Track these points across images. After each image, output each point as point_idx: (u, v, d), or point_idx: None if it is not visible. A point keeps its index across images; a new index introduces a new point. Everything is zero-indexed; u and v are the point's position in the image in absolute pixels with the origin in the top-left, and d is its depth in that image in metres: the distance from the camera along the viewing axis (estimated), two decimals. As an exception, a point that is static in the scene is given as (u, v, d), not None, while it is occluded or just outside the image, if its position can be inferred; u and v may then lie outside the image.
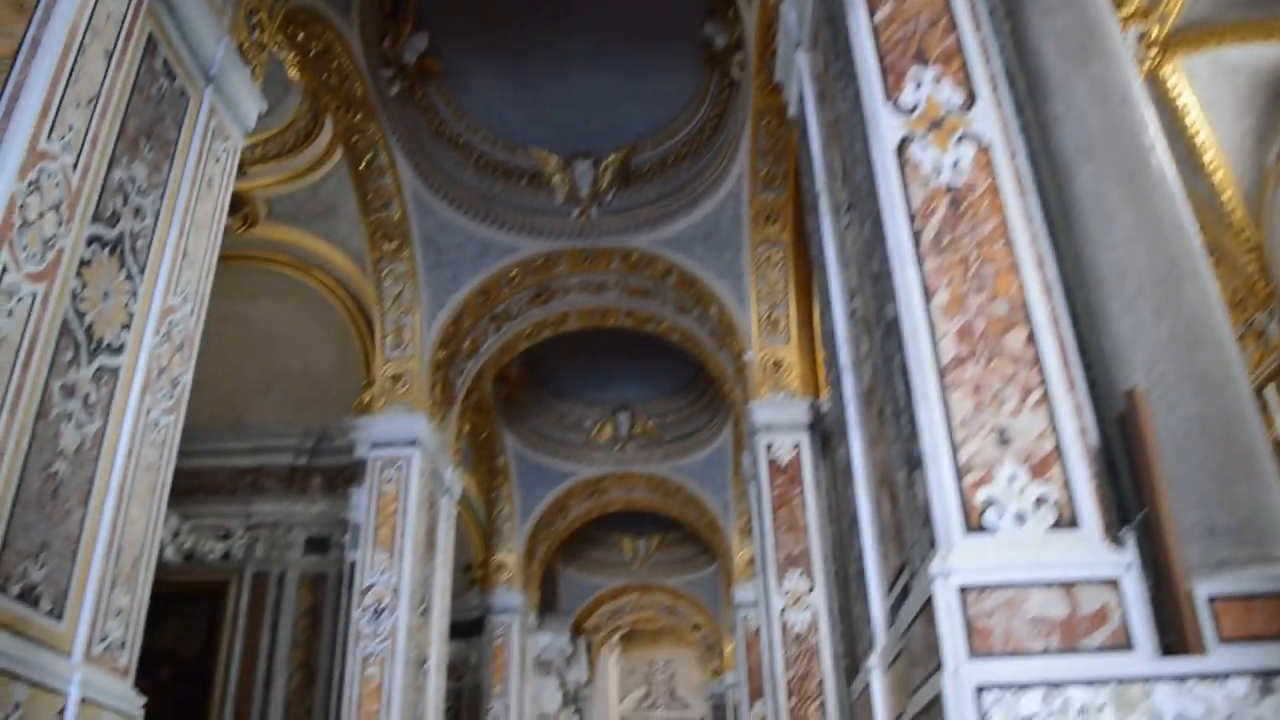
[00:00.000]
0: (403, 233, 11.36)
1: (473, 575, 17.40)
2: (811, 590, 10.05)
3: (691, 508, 18.18)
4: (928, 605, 3.30)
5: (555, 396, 17.24)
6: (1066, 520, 3.32)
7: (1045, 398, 3.51)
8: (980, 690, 3.03)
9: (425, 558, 10.92)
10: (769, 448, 10.64)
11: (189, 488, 12.35)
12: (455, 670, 16.99)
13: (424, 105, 10.99)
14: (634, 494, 18.36)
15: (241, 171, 11.64)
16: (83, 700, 4.78)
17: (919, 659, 3.47)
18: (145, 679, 11.67)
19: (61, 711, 4.67)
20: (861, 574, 4.75)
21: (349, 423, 11.47)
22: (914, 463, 3.59)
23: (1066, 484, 3.37)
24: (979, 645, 3.12)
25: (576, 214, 11.75)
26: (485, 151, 11.57)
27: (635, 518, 20.94)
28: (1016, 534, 3.30)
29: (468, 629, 17.04)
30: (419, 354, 11.53)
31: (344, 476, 12.01)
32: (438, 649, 11.19)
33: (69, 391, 4.93)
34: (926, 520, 3.45)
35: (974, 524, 3.32)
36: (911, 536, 3.72)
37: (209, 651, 11.70)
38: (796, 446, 10.63)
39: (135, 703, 5.28)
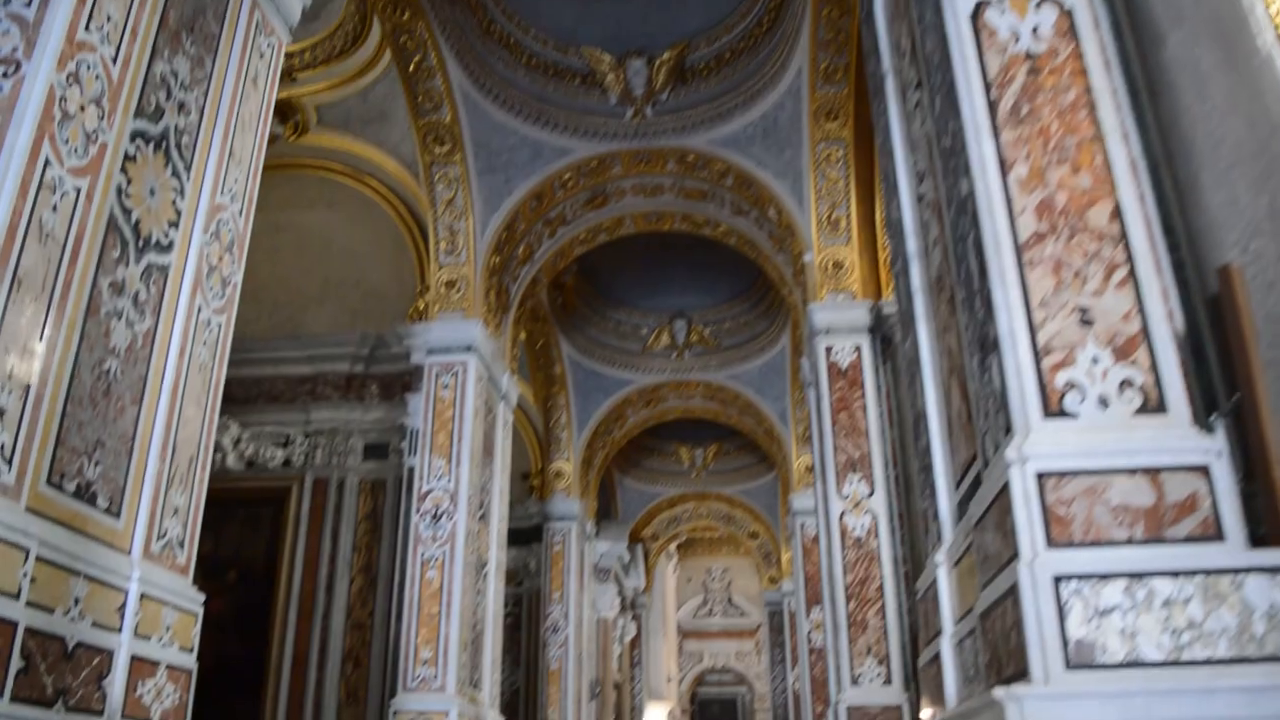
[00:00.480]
0: (454, 136, 11.18)
1: (531, 483, 17.50)
2: (871, 495, 9.92)
3: (749, 415, 18.07)
4: (1002, 494, 3.13)
5: (611, 304, 17.10)
6: (1153, 405, 3.12)
7: (1131, 276, 3.28)
8: (1058, 581, 2.87)
9: (483, 463, 10.94)
10: (829, 351, 10.44)
11: (248, 396, 12.46)
12: (515, 576, 17.19)
13: (472, 3, 10.71)
14: (691, 402, 18.28)
15: (290, 78, 11.53)
16: (142, 596, 4.80)
17: (991, 552, 3.31)
18: (212, 582, 11.91)
19: (121, 607, 4.69)
20: (928, 469, 4.58)
21: (404, 329, 11.44)
22: (989, 346, 3.39)
23: (1153, 366, 3.15)
24: (1058, 534, 2.95)
25: (630, 114, 11.47)
26: (536, 51, 11.28)
27: (692, 426, 20.90)
28: (1099, 418, 3.10)
29: (526, 536, 17.19)
30: (472, 260, 11.41)
31: (401, 383, 12.01)
32: (496, 553, 11.27)
33: (118, 289, 4.86)
34: (1002, 406, 3.26)
35: (1053, 408, 3.13)
36: (983, 425, 3.54)
37: (272, 556, 11.88)
38: (857, 349, 10.41)
39: (195, 599, 5.29)
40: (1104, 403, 3.12)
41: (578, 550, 17.14)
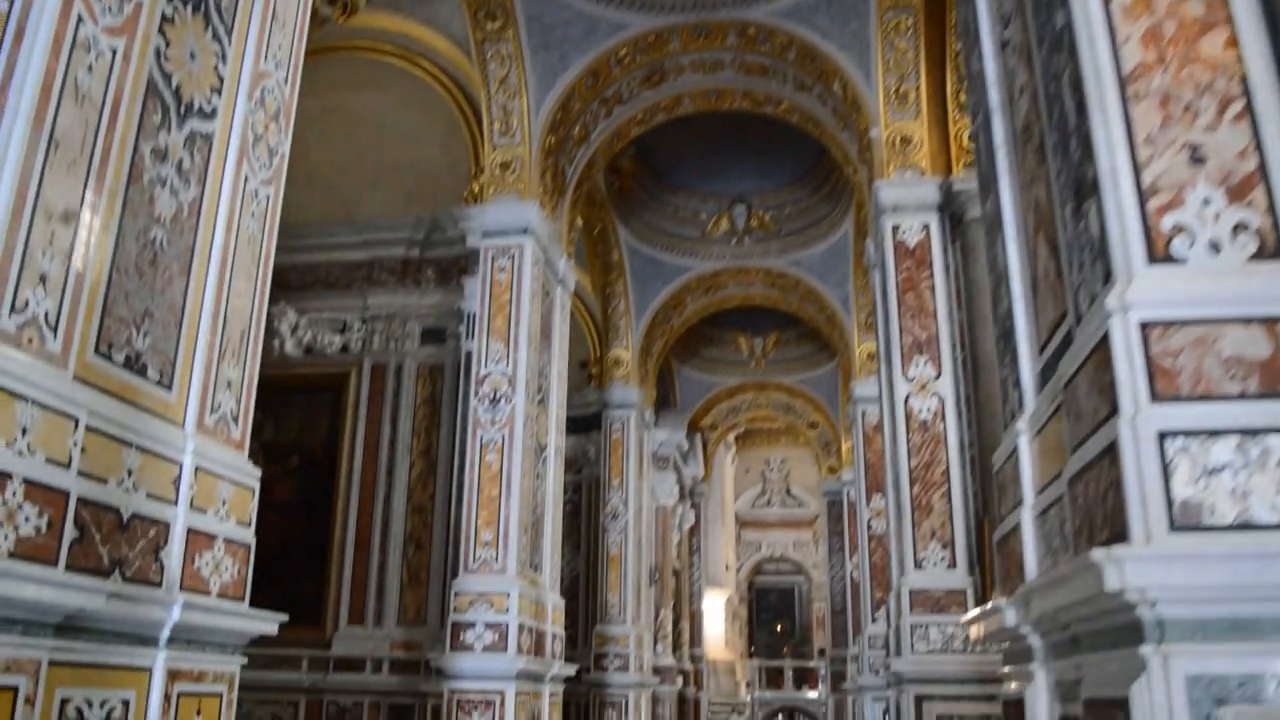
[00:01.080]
0: (506, 11, 10.80)
1: (589, 371, 17.43)
2: (938, 377, 9.65)
3: (810, 302, 17.76)
4: (1100, 347, 2.88)
5: (669, 189, 16.74)
6: (1270, 250, 2.82)
7: (1248, 110, 2.95)
8: (1163, 437, 2.63)
9: (541, 347, 10.81)
10: (895, 230, 10.07)
11: (304, 283, 12.42)
12: (574, 464, 17.24)
13: None
14: (751, 289, 17.99)
15: (338, -47, 11.17)
16: (197, 469, 4.73)
17: (1085, 411, 3.07)
18: (274, 467, 12.05)
19: (176, 480, 4.63)
20: (1009, 335, 4.32)
21: (459, 212, 11.24)
22: (1086, 190, 3.10)
23: (1271, 208, 2.85)
24: (1163, 388, 2.70)
25: (688, -17, 10.99)
26: (588, -81, 10.82)
27: (752, 314, 20.64)
28: (1210, 264, 2.82)
29: (585, 424, 17.17)
30: (527, 140, 11.13)
31: (457, 267, 11.88)
32: (555, 438, 11.21)
33: (160, 155, 4.69)
34: (1100, 253, 2.99)
35: (1159, 253, 2.84)
36: (1076, 279, 3.27)
37: (333, 441, 11.96)
38: (925, 228, 10.04)
39: (252, 474, 5.22)
40: (1215, 247, 2.83)
41: (636, 438, 17.11)
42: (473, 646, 9.46)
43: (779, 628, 35.62)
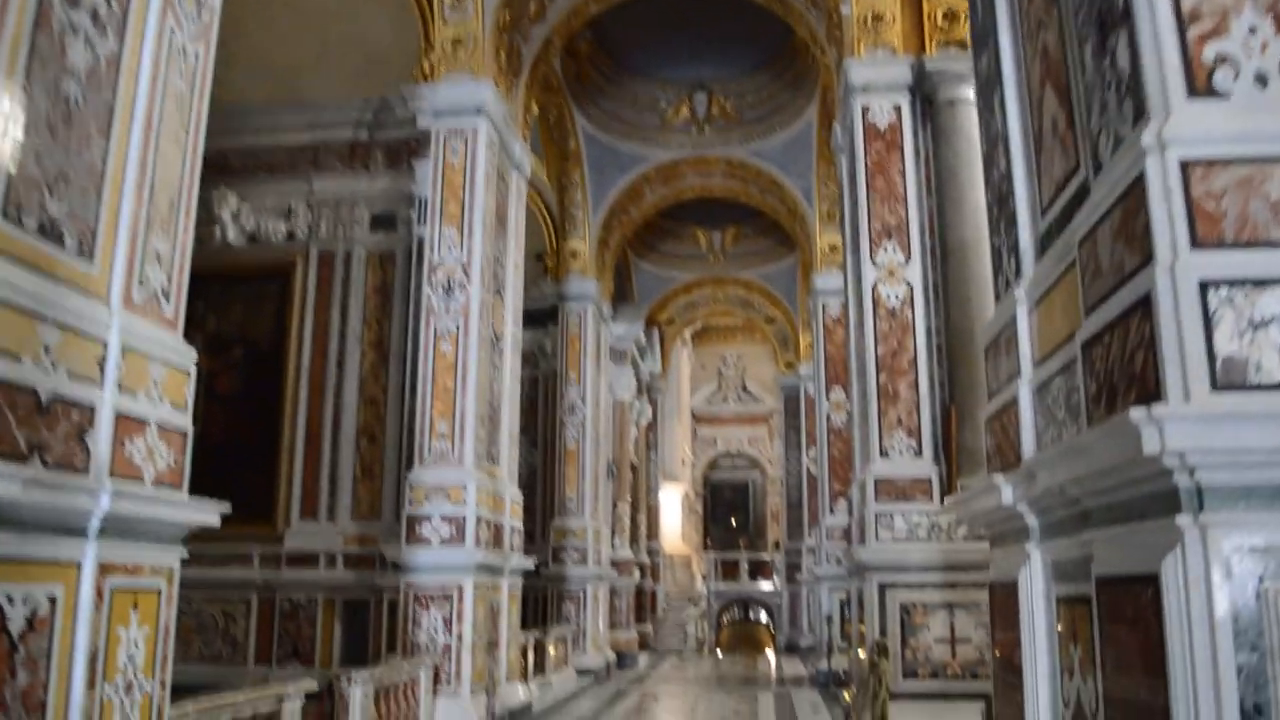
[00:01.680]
0: (454, -126, 10.12)
1: (545, 263, 17.02)
2: (907, 263, 9.40)
3: (771, 194, 17.38)
4: (1132, 191, 2.58)
5: (629, 74, 16.14)
6: (1322, 81, 2.52)
7: (1299, -73, 2.62)
8: (1205, 287, 2.35)
9: (496, 235, 10.40)
10: (865, 111, 9.70)
11: (246, 167, 11.85)
12: (530, 358, 16.92)
13: None
14: (711, 180, 17.55)
15: None
16: (125, 348, 4.36)
17: (1106, 267, 2.78)
18: (219, 359, 11.62)
19: (102, 359, 4.26)
20: (1004, 200, 4.02)
21: (410, 91, 10.66)
22: (1114, 21, 2.77)
23: (1323, 38, 2.54)
24: (1205, 233, 2.41)
25: None
26: None
27: (711, 208, 20.25)
28: (1256, 99, 2.51)
29: (542, 318, 16.83)
30: (480, 15, 10.54)
31: (407, 150, 11.35)
32: (512, 329, 10.87)
33: (72, 0, 4.21)
34: (1131, 90, 2.67)
35: (1200, 87, 2.53)
36: (1096, 124, 2.96)
37: (280, 332, 11.53)
38: (896, 109, 9.67)
39: (186, 355, 4.85)
40: (1262, 80, 2.52)
41: (594, 332, 16.81)
42: (429, 540, 9.23)
43: (734, 522, 35.94)
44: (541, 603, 16.04)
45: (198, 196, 5.20)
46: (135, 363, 4.46)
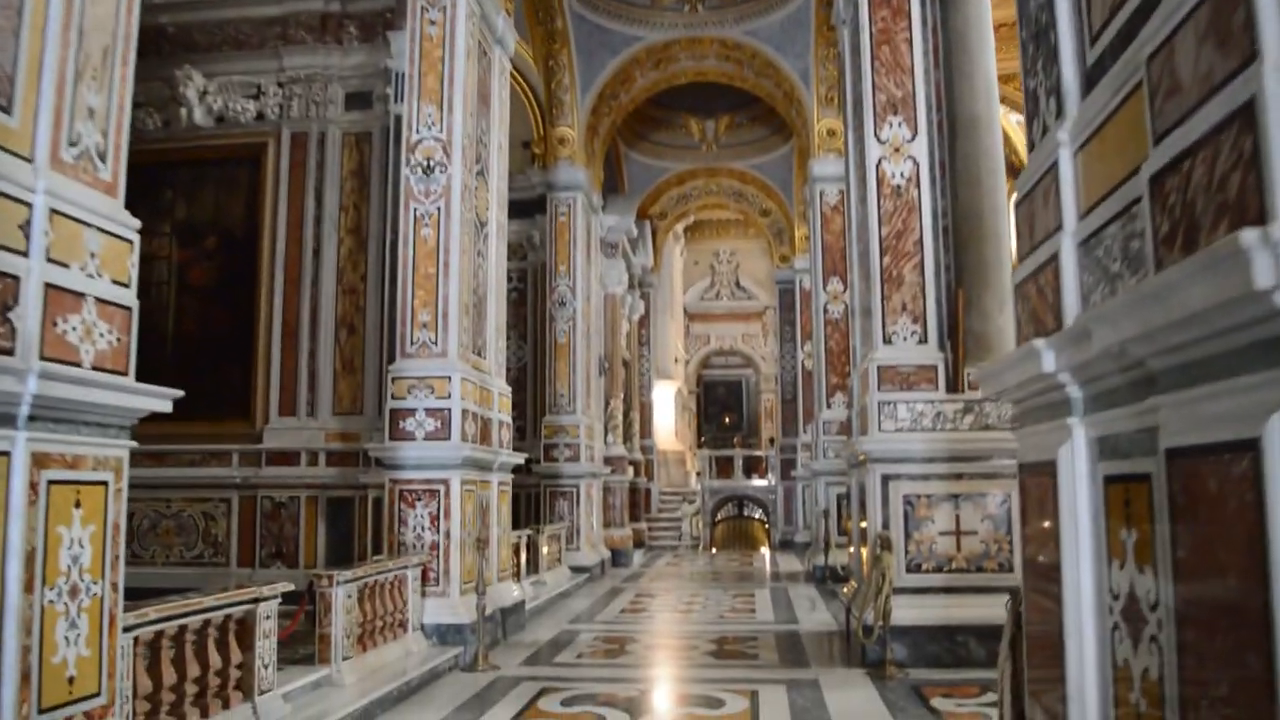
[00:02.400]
0: None
1: (533, 151, 16.42)
2: (913, 139, 8.86)
3: (767, 76, 16.67)
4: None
5: (617, -53, 15.33)
6: None
7: None
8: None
9: (479, 112, 9.80)
10: (870, -26, 9.06)
11: (211, 43, 11.20)
12: (519, 250, 16.45)
13: None
14: (704, 62, 16.82)
15: None
16: (52, 213, 3.88)
17: (1187, 80, 2.30)
18: (190, 248, 11.12)
19: (26, 224, 3.79)
20: (1043, 32, 3.52)
21: (382, -44, 9.98)
22: None
23: None
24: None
25: None
26: None
27: (704, 94, 19.57)
28: None
29: (530, 208, 16.29)
30: (455, -127, 9.78)
31: (383, 21, 10.69)
32: (497, 214, 10.35)
33: None
34: None
35: None
36: (1173, -88, 2.45)
37: (253, 220, 11.00)
38: (903, -28, 9.03)
39: (128, 224, 4.37)
40: None
41: (584, 222, 16.27)
42: (414, 434, 8.85)
43: (727, 420, 35.80)
44: (534, 501, 15.80)
45: (137, 55, 4.65)
46: (67, 230, 3.99)
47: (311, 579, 6.99)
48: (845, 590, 10.42)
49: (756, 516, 28.17)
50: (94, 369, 4.07)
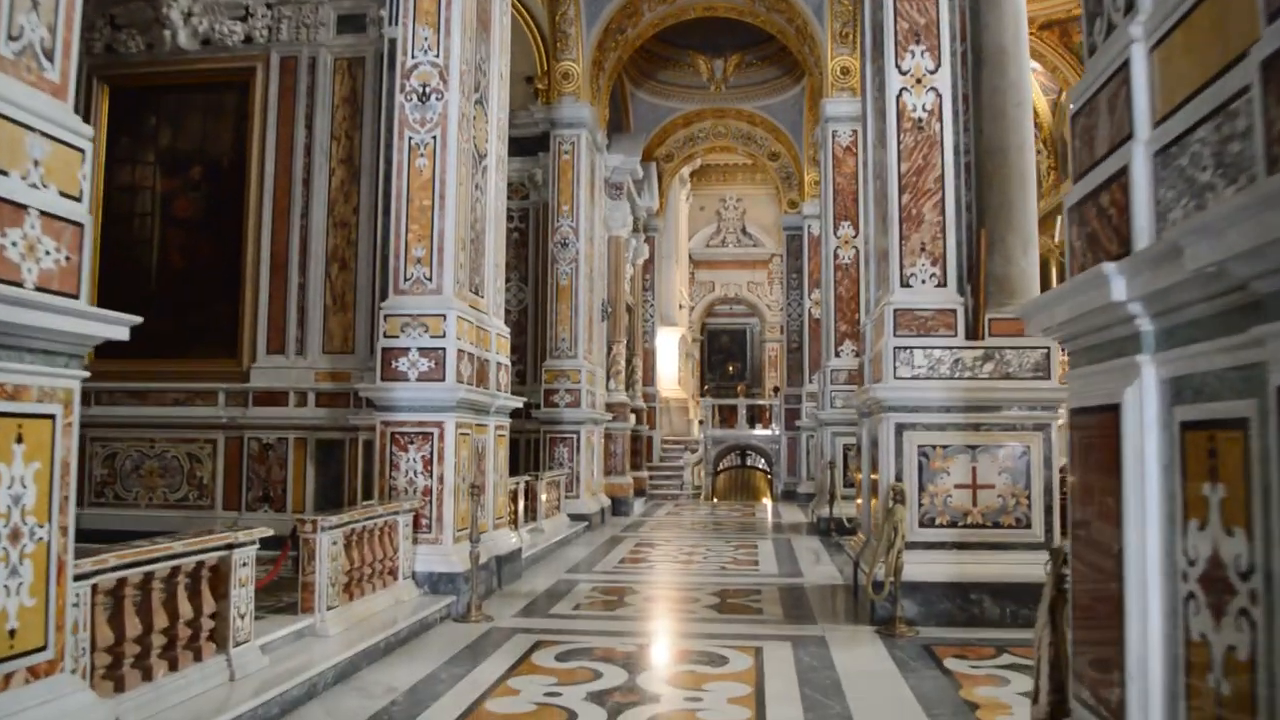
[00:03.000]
0: None
1: (536, 86, 15.86)
2: (936, 70, 8.37)
3: (779, 11, 16.08)
4: None
5: (624, -128, 14.68)
6: None
7: None
8: None
9: (478, 37, 9.29)
10: (894, -107, 8.51)
11: (198, -40, 10.64)
12: (521, 189, 15.99)
13: None
14: (714, -5, 16.22)
15: None
16: (-10, 111, 3.46)
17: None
18: (175, 178, 10.66)
19: (-45, 122, 3.36)
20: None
21: (375, -128, 9.42)
22: None
23: None
24: None
25: None
26: None
27: (713, 32, 19.00)
28: None
29: (532, 145, 15.79)
30: None
31: (375, -64, 10.18)
32: (496, 146, 9.87)
33: None
34: None
35: None
36: None
37: (240, 148, 10.52)
38: (929, -110, 8.48)
39: (79, 130, 3.93)
40: None
41: (588, 161, 15.76)
42: (407, 375, 8.45)
43: (730, 369, 35.45)
44: (534, 447, 15.46)
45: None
46: (5, 133, 3.56)
47: (295, 524, 6.63)
48: (852, 544, 10.09)
49: (759, 466, 27.90)
50: (38, 289, 3.67)
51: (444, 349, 8.43)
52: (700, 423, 27.88)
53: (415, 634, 7.33)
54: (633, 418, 19.69)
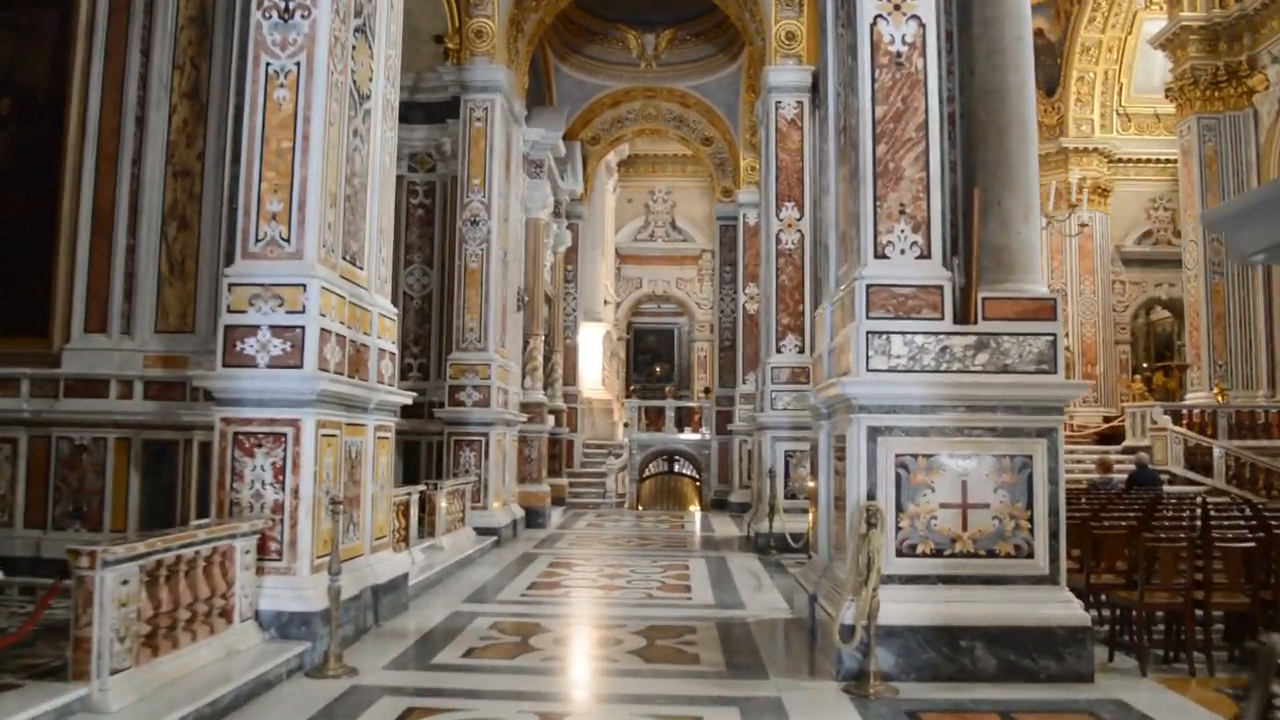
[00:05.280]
0: None
1: (446, 46, 14.09)
2: None
3: (717, -28, 14.51)
4: None
5: None
6: None
7: None
8: None
9: (356, -51, 7.54)
10: None
11: None
12: (426, 161, 14.28)
13: None
14: (646, -48, 14.60)
15: None
16: None
17: None
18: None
19: None
20: None
21: None
22: None
23: None
24: None
25: None
26: None
27: (645, 4, 17.46)
28: None
29: (440, 112, 14.07)
30: None
31: None
32: (385, 88, 8.12)
33: None
34: None
35: None
36: None
37: (59, 79, 8.61)
38: None
39: None
40: None
41: (503, 131, 14.01)
42: (255, 359, 6.67)
43: (658, 370, 33.88)
44: (436, 451, 13.68)
45: None
46: None
47: (68, 555, 4.83)
48: (803, 571, 8.49)
49: (688, 473, 26.32)
50: None
51: (302, 328, 6.66)
52: (625, 426, 26.22)
53: (249, 697, 5.57)
54: (551, 419, 17.96)
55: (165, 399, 8.20)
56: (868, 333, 6.46)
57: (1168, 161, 23.17)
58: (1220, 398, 18.43)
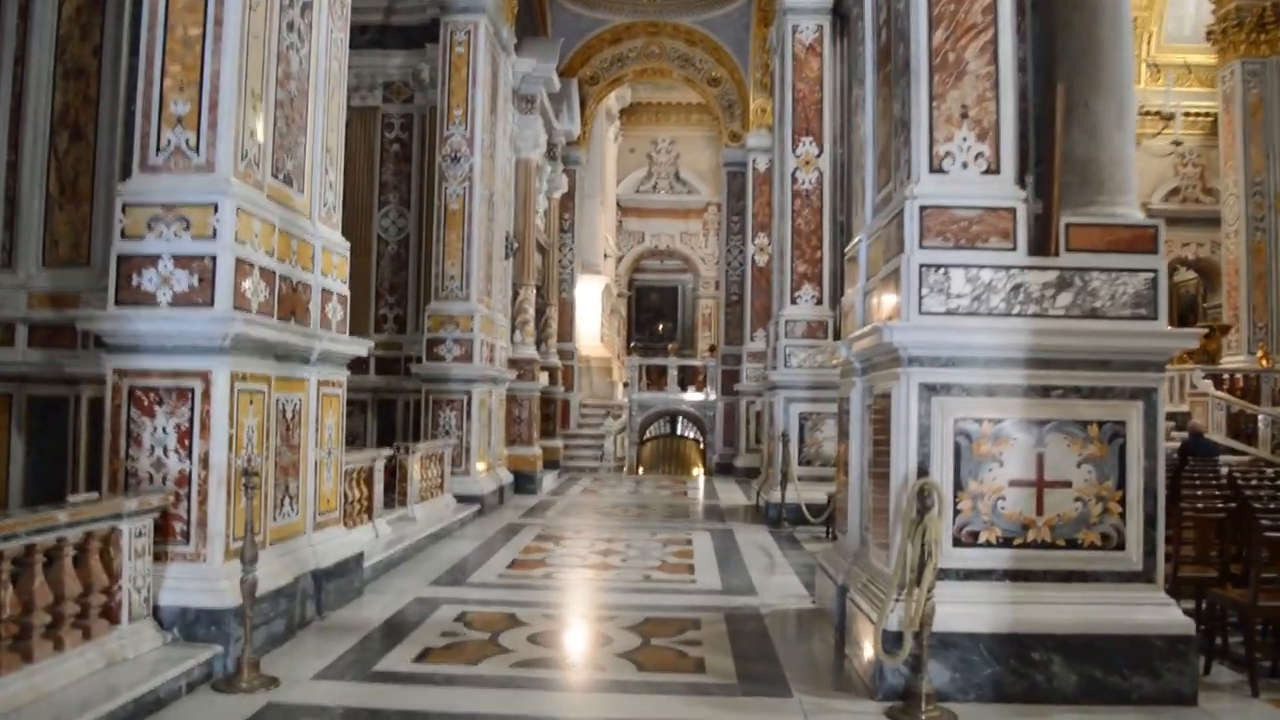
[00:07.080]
0: None
1: (423, -40, 12.68)
2: None
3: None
4: None
5: None
6: None
7: None
8: None
9: None
10: None
11: None
12: (403, 89, 12.93)
13: None
14: None
15: None
16: None
17: None
18: None
19: None
20: None
21: None
22: None
23: None
24: None
25: None
26: None
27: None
28: None
29: (418, 35, 12.66)
30: None
31: None
32: (329, -22, 6.74)
33: None
34: None
35: None
36: None
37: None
38: None
39: None
40: None
41: (488, 58, 12.58)
42: (155, 297, 5.37)
43: (660, 328, 32.53)
44: (411, 410, 12.41)
45: None
46: None
47: None
48: (826, 551, 7.20)
49: (691, 436, 25.07)
50: None
51: (213, 257, 5.34)
52: (625, 385, 24.90)
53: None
54: (544, 377, 16.64)
55: (55, 346, 6.87)
56: (921, 265, 5.13)
57: (1199, 115, 21.67)
58: (1264, 361, 17.12)
